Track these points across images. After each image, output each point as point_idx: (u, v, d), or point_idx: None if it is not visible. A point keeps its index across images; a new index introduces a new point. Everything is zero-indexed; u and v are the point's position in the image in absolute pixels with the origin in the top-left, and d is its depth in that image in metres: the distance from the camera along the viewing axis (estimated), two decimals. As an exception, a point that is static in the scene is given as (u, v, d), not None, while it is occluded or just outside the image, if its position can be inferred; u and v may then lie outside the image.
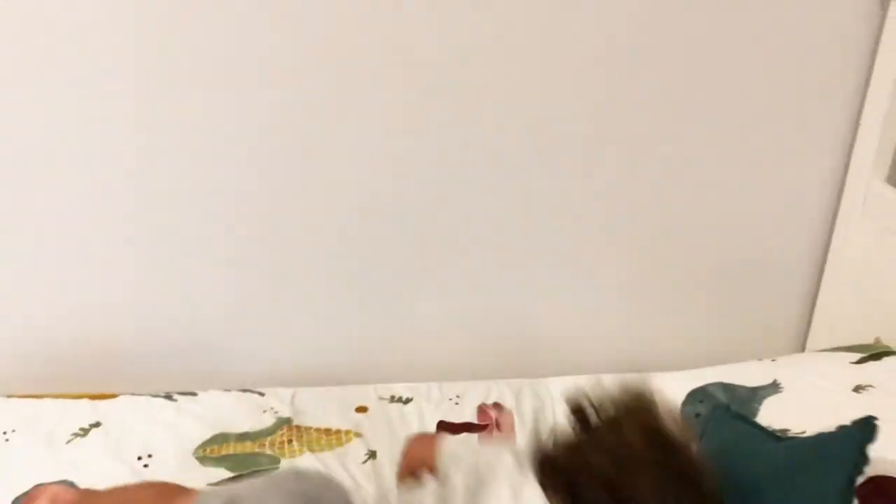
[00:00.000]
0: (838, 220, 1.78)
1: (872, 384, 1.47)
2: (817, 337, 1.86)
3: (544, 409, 1.66)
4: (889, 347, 1.59)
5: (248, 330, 1.78)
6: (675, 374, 1.61)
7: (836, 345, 1.70)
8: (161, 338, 1.74)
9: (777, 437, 1.32)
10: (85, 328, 1.70)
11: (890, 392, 1.45)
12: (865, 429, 1.16)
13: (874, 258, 1.68)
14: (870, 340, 1.64)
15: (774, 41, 1.65)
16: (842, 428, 1.19)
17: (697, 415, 1.48)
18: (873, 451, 1.25)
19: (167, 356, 1.75)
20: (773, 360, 1.60)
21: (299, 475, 1.26)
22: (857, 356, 1.57)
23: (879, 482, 1.24)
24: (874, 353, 1.57)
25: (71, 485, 1.34)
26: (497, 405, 1.66)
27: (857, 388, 1.46)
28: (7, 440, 1.43)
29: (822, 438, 1.22)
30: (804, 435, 1.33)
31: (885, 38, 1.62)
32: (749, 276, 1.87)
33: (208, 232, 1.67)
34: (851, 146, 1.72)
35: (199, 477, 1.39)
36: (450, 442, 1.31)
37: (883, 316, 1.65)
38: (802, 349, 1.91)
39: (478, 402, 1.66)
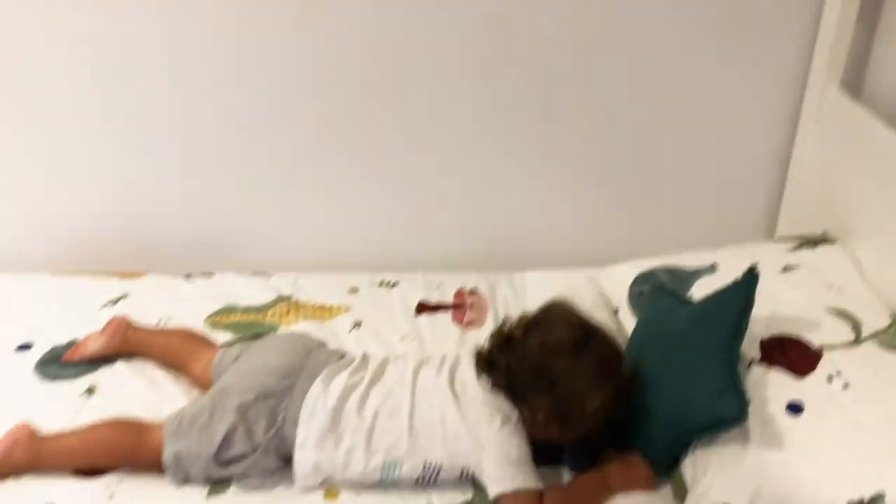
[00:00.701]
0: (800, 123, 1.90)
1: (800, 265, 1.62)
2: (783, 232, 1.99)
3: (517, 298, 1.85)
4: (829, 237, 1.72)
5: (262, 223, 2.03)
6: (631, 262, 1.78)
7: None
8: (184, 225, 2.01)
9: (690, 303, 1.51)
10: (119, 217, 1.98)
11: (812, 270, 1.59)
12: (750, 277, 1.33)
13: (827, 159, 1.80)
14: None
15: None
16: (733, 282, 1.36)
17: (641, 293, 1.66)
18: (783, 310, 1.43)
19: (190, 243, 2.01)
20: (720, 249, 1.74)
21: (295, 333, 1.52)
22: (796, 243, 1.71)
23: (783, 340, 1.41)
24: (811, 242, 1.71)
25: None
26: (473, 292, 1.86)
27: (785, 269, 1.61)
28: (51, 304, 1.72)
29: (717, 293, 1.40)
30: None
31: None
32: (721, 175, 2.01)
33: (232, 134, 1.91)
34: (811, 54, 1.84)
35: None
36: None
37: (833, 211, 1.77)
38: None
39: (456, 288, 1.87)
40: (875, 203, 1.62)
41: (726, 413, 1.25)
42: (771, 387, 1.32)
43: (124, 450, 1.34)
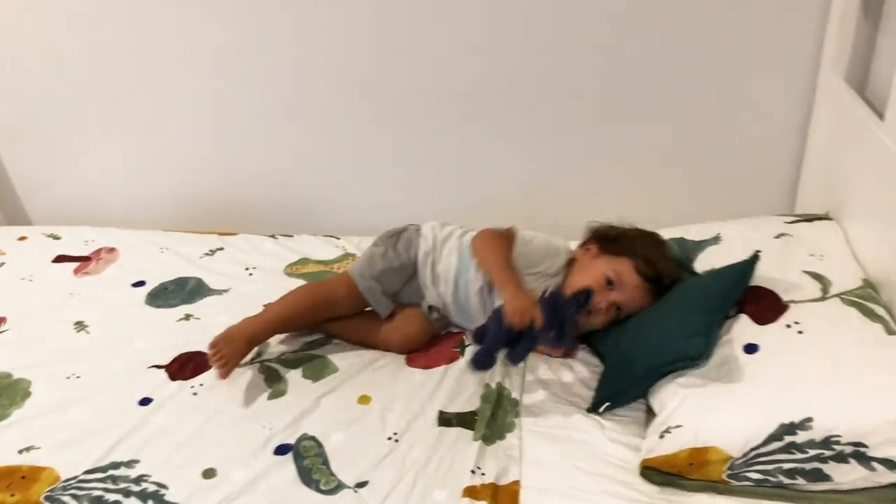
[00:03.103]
0: (812, 113, 2.08)
1: (791, 234, 1.81)
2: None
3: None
4: (829, 217, 1.90)
5: (334, 194, 2.40)
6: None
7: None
8: (271, 195, 2.40)
9: (695, 274, 1.75)
10: (216, 186, 2.39)
11: (802, 240, 1.78)
12: (752, 258, 1.60)
13: (834, 148, 1.97)
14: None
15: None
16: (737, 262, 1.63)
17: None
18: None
19: (275, 209, 2.40)
20: (724, 221, 1.95)
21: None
22: (796, 219, 1.90)
23: (757, 289, 1.62)
24: (809, 218, 1.89)
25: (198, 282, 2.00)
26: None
27: (778, 236, 1.81)
28: (161, 252, 2.13)
29: (721, 269, 1.68)
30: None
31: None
32: (740, 165, 2.23)
33: (313, 113, 2.28)
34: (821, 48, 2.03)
35: (284, 285, 1.99)
36: None
37: (837, 196, 1.94)
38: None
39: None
40: (867, 188, 1.78)
41: (690, 351, 1.48)
42: (734, 330, 1.54)
43: (324, 295, 1.77)
